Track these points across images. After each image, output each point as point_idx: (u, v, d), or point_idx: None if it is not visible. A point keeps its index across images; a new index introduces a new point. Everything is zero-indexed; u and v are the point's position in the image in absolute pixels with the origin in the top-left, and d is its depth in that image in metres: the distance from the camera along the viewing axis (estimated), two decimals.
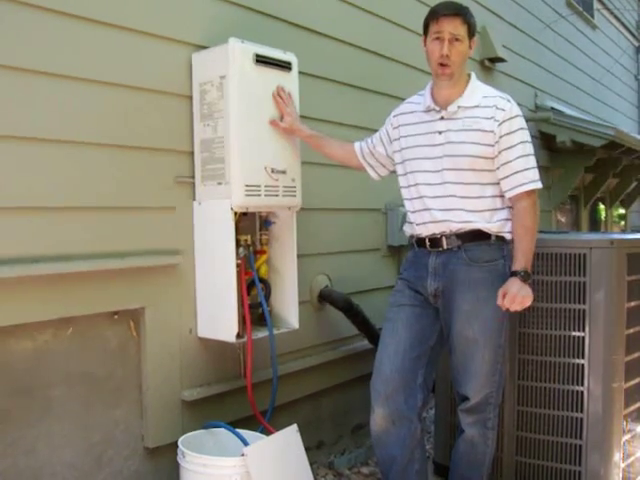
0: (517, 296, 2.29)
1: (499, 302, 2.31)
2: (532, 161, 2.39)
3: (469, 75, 2.47)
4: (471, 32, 2.39)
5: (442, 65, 2.37)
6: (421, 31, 2.47)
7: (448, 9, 2.37)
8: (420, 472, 2.48)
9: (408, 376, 2.42)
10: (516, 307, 2.32)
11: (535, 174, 2.38)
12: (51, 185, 2.25)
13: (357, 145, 2.78)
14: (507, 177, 2.36)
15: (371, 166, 2.75)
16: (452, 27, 2.35)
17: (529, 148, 2.39)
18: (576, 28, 7.62)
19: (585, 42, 7.97)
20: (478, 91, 2.43)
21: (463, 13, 2.37)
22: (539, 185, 2.38)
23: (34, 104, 2.20)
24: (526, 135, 2.39)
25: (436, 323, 2.48)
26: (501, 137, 2.34)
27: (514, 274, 2.33)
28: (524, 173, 2.35)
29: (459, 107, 2.40)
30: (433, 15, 2.38)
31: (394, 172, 2.66)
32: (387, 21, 3.88)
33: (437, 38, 2.36)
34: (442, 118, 2.42)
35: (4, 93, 2.13)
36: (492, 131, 2.34)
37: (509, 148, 2.35)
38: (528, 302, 2.34)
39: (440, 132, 2.42)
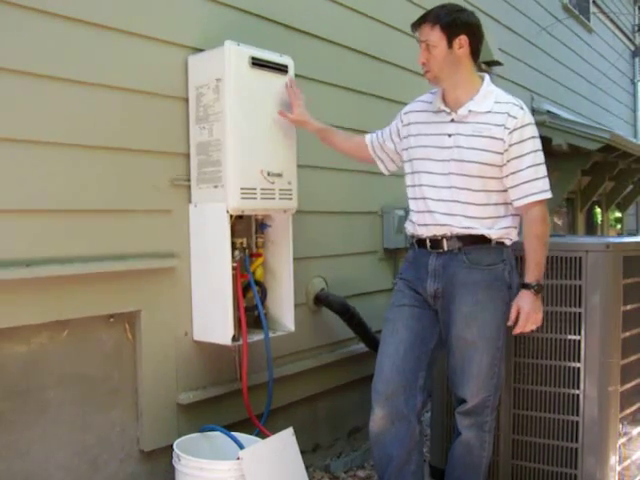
0: (530, 315, 2.31)
1: (511, 322, 2.32)
2: (542, 170, 2.35)
3: (483, 78, 2.43)
4: (450, 32, 2.32)
5: (424, 72, 2.40)
6: None
7: (418, 18, 2.38)
8: (416, 474, 2.47)
9: (409, 377, 2.42)
10: (530, 327, 2.34)
11: (545, 184, 2.34)
12: (46, 187, 2.25)
13: (368, 138, 2.74)
14: (516, 186, 2.33)
15: (381, 160, 2.72)
16: (422, 34, 2.36)
17: (540, 157, 2.35)
18: (572, 32, 7.65)
19: (581, 45, 8.00)
20: (491, 96, 2.37)
21: (430, 18, 2.34)
22: (549, 195, 2.35)
23: (29, 106, 2.19)
24: (537, 144, 2.36)
25: (436, 325, 2.47)
26: (511, 145, 2.31)
27: (526, 287, 2.32)
28: (533, 183, 2.32)
29: (470, 111, 2.36)
30: (410, 26, 2.42)
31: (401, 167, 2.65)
32: (383, 24, 3.89)
33: (420, 46, 2.39)
34: (452, 121, 2.39)
35: None
36: (502, 139, 2.30)
37: (519, 157, 2.31)
38: (540, 319, 2.35)
39: (450, 135, 2.38)
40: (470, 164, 2.34)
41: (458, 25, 2.34)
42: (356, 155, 2.83)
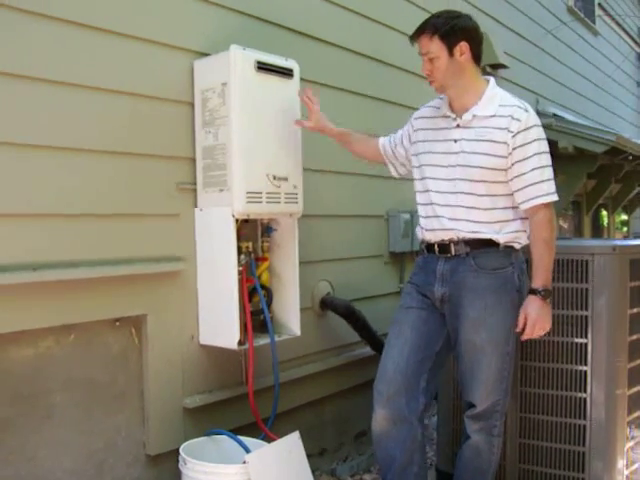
0: (537, 322, 2.28)
1: (519, 329, 2.30)
2: (548, 173, 2.32)
3: (488, 81, 2.41)
4: (450, 40, 2.28)
5: (429, 82, 2.39)
6: None
7: (415, 31, 2.35)
8: (418, 475, 2.46)
9: (411, 379, 2.41)
10: (539, 333, 2.31)
11: (550, 186, 2.32)
12: (53, 192, 2.26)
13: (381, 142, 2.74)
14: (521, 189, 2.31)
15: (392, 164, 2.72)
16: (422, 47, 2.34)
17: (545, 159, 2.32)
18: (577, 34, 7.63)
19: (586, 48, 7.98)
20: (496, 99, 2.35)
21: (427, 29, 2.31)
22: (554, 198, 2.32)
23: (36, 111, 2.20)
24: (543, 146, 2.33)
25: (443, 329, 2.46)
26: (515, 149, 2.28)
27: (534, 292, 2.30)
28: (538, 186, 2.30)
29: (474, 116, 2.34)
30: (409, 38, 2.40)
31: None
32: (387, 27, 3.89)
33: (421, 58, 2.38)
34: (458, 126, 2.38)
35: (4, 100, 2.13)
36: (505, 142, 2.28)
37: (523, 160, 2.29)
38: (549, 325, 2.32)
39: (455, 140, 2.37)
40: (475, 169, 2.32)
41: (456, 32, 2.30)
42: (372, 159, 2.84)
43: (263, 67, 2.65)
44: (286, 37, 3.16)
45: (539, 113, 6.17)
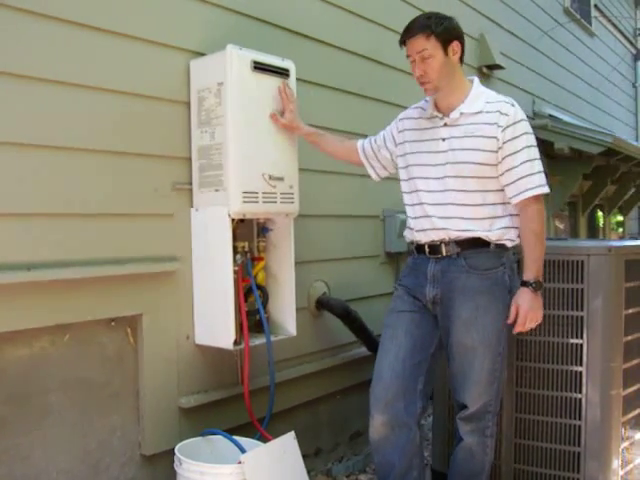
0: (529, 313, 2.29)
1: (511, 321, 2.31)
2: (538, 165, 2.34)
3: (472, 80, 2.43)
4: (444, 39, 2.31)
5: (422, 84, 2.38)
6: None
7: (408, 31, 2.35)
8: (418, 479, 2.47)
9: (408, 383, 2.40)
10: (530, 325, 2.32)
11: (541, 179, 2.34)
12: (48, 191, 2.25)
13: (360, 144, 2.74)
14: (512, 183, 2.32)
15: (372, 167, 2.73)
16: (417, 47, 2.33)
17: (534, 152, 2.34)
18: (574, 36, 7.65)
19: (583, 49, 8.00)
20: (481, 97, 2.38)
21: (424, 29, 2.31)
22: (546, 190, 2.34)
23: (31, 111, 2.20)
24: (531, 139, 2.35)
25: (436, 330, 2.46)
26: (504, 143, 2.30)
27: (524, 284, 2.31)
28: (529, 178, 2.31)
29: (461, 114, 2.36)
30: (399, 40, 2.38)
31: (394, 173, 2.65)
32: (384, 28, 3.89)
33: (411, 61, 2.37)
34: (445, 125, 2.40)
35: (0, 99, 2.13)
36: (495, 137, 2.30)
37: (513, 154, 2.31)
38: (541, 317, 2.33)
39: (443, 139, 2.39)
40: (465, 165, 2.34)
41: (450, 32, 2.34)
42: (346, 159, 2.84)
43: (259, 67, 2.65)
44: (283, 37, 3.16)
45: (535, 114, 6.21)
